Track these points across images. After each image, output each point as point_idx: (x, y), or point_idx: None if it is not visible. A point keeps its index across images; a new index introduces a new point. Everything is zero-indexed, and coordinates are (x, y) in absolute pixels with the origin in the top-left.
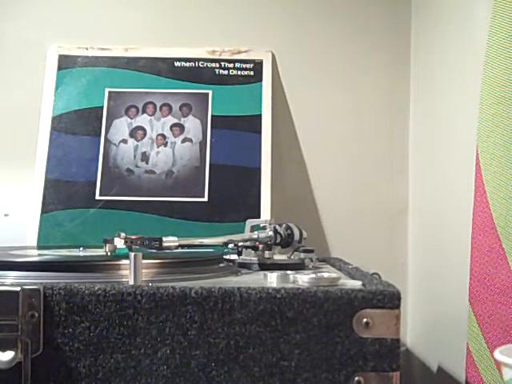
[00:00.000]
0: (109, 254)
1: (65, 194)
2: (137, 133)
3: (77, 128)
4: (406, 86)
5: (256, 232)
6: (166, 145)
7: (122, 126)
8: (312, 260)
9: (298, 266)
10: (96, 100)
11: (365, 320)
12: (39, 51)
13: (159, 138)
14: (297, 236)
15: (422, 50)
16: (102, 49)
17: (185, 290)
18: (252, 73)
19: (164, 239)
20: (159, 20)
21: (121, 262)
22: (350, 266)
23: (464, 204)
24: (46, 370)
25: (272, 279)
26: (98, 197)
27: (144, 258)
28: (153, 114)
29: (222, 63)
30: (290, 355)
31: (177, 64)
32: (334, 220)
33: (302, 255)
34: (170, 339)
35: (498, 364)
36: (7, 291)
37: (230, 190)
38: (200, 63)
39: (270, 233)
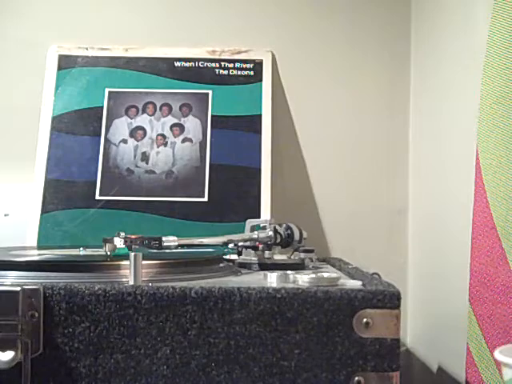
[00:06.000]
0: (109, 253)
1: (65, 193)
2: (137, 133)
3: (77, 128)
4: (406, 87)
5: (256, 232)
6: (166, 145)
7: (121, 126)
8: (312, 260)
9: (298, 266)
10: (96, 100)
11: (365, 320)
12: (39, 51)
13: (159, 137)
14: (297, 236)
15: (422, 51)
16: (102, 49)
17: (185, 290)
18: (252, 73)
19: (164, 239)
20: (159, 20)
21: (121, 262)
22: (349, 266)
23: (464, 204)
24: (46, 370)
25: (272, 279)
26: (97, 197)
27: (144, 258)
28: (153, 114)
29: (222, 63)
30: (290, 355)
31: (177, 64)
32: (333, 220)
33: (302, 255)
34: (170, 339)
35: (498, 364)
36: (7, 291)
37: (230, 190)
38: (200, 63)
39: (270, 233)
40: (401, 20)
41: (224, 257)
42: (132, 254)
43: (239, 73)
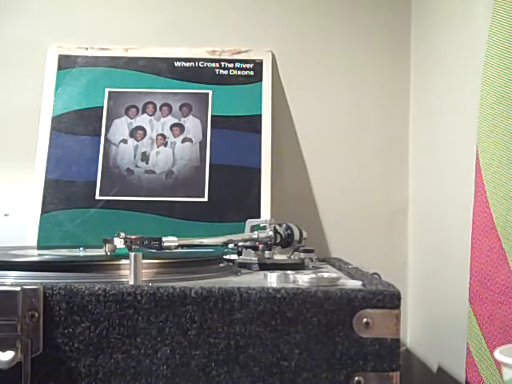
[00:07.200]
0: (109, 253)
1: (65, 193)
2: (137, 133)
3: (77, 128)
4: (406, 87)
5: (256, 232)
6: (166, 145)
7: (121, 126)
8: (312, 260)
9: (298, 266)
10: (96, 100)
11: (365, 320)
12: (39, 51)
13: (159, 137)
14: (297, 236)
15: (423, 51)
16: (102, 49)
17: (185, 290)
18: (252, 73)
19: (164, 239)
20: (159, 20)
21: (121, 262)
22: (350, 266)
23: (464, 204)
24: (46, 369)
25: (272, 279)
26: (97, 197)
27: (144, 258)
28: (153, 114)
29: (222, 63)
30: (290, 355)
31: (177, 64)
32: (334, 220)
33: (302, 255)
34: (169, 339)
35: (498, 364)
36: (7, 291)
37: (230, 190)
38: (200, 63)
39: (270, 233)
40: (401, 19)
41: (224, 257)
42: (132, 254)
43: (239, 73)
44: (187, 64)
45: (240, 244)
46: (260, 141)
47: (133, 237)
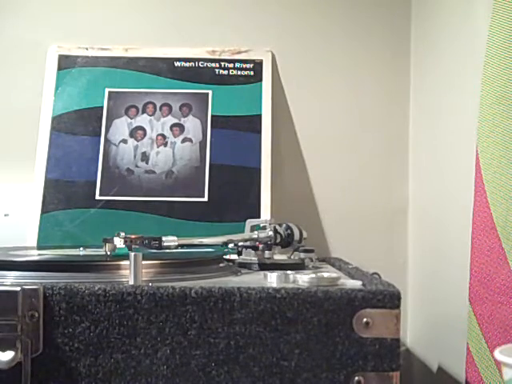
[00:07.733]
0: (109, 253)
1: (65, 193)
2: (137, 133)
3: (77, 128)
4: (406, 87)
5: (256, 232)
6: (166, 145)
7: (121, 126)
8: (312, 260)
9: (298, 266)
10: (96, 100)
11: (365, 320)
12: (39, 51)
13: (159, 137)
14: (297, 236)
15: (423, 51)
16: (102, 49)
17: (185, 290)
18: (252, 73)
19: (164, 239)
20: (159, 20)
21: (121, 262)
22: (350, 266)
23: (464, 204)
24: (46, 369)
25: (272, 279)
26: (97, 197)
27: (144, 258)
28: (153, 114)
29: (222, 63)
30: (289, 355)
31: (177, 64)
32: (334, 220)
33: (302, 255)
34: (170, 339)
35: (498, 364)
36: (7, 291)
37: (230, 190)
38: (200, 63)
39: (270, 233)
40: (401, 19)
41: (224, 257)
42: (132, 254)
43: (239, 73)
44: (187, 64)
45: (240, 244)
46: (260, 141)
47: (133, 237)
